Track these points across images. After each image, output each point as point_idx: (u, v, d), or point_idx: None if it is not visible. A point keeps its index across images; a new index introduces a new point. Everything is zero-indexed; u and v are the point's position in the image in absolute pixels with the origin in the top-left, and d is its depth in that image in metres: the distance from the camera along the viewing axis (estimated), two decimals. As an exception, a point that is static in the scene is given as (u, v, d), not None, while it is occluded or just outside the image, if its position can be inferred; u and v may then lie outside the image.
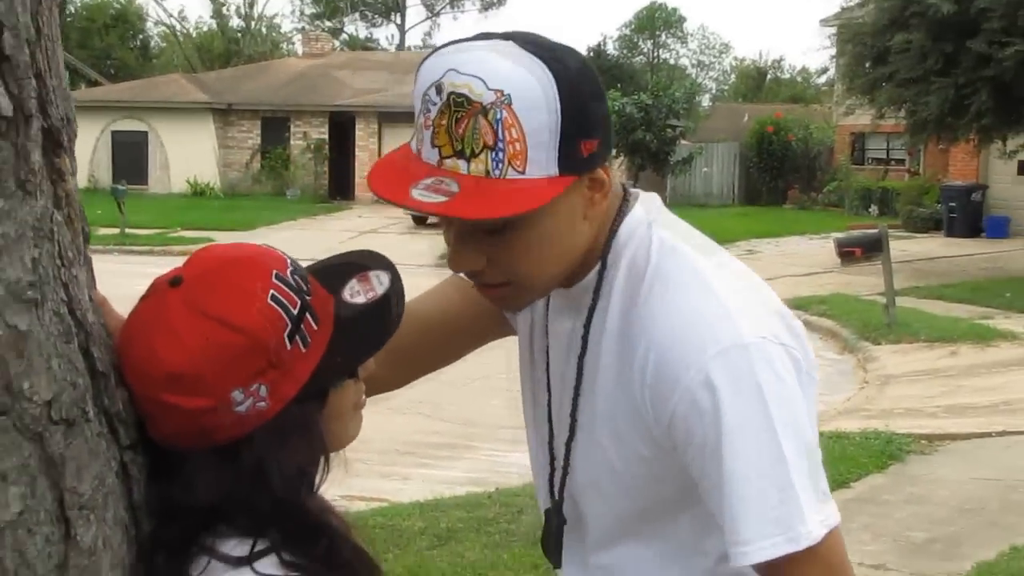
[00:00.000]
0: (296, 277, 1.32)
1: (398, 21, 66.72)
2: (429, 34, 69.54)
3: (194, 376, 1.24)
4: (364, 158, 37.34)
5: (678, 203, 29.32)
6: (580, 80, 1.39)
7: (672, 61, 72.42)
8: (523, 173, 1.36)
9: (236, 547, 1.25)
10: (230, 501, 1.26)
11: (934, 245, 23.99)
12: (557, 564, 1.70)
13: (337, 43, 57.33)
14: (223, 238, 23.41)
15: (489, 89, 1.34)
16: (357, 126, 37.55)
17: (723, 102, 63.08)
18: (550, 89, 1.35)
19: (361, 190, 37.33)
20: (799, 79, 72.37)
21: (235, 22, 62.65)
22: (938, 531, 6.22)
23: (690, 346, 1.42)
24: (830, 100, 36.61)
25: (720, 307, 1.45)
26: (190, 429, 1.26)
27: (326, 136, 37.86)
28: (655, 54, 71.21)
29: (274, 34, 65.42)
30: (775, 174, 34.65)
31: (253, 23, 62.15)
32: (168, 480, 1.29)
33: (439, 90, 1.37)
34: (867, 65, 20.64)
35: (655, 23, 69.18)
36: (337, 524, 1.33)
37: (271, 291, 1.28)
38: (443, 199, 1.36)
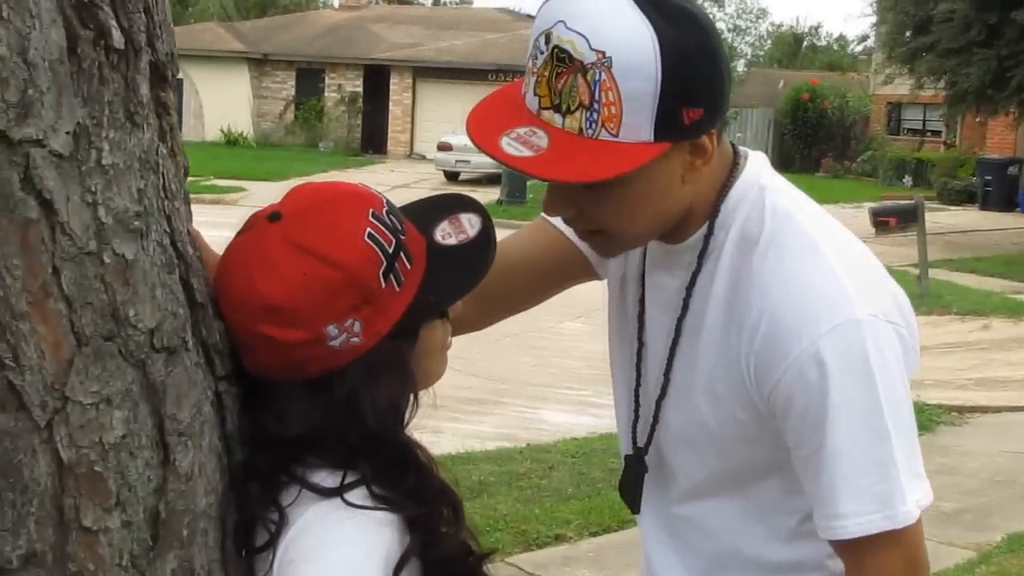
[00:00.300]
0: (391, 217, 1.34)
1: (435, -25, 66.43)
2: (466, -11, 69.11)
3: (291, 309, 1.26)
4: (398, 112, 37.33)
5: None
6: (691, 47, 1.36)
7: (708, 25, 71.65)
8: (616, 136, 1.35)
9: (327, 478, 1.27)
10: (321, 433, 1.29)
11: (968, 218, 23.83)
12: (636, 509, 1.72)
13: (373, -4, 57.11)
14: (255, 187, 23.52)
15: (592, 49, 1.33)
16: (392, 80, 37.48)
17: (758, 68, 62.56)
18: (654, 56, 1.33)
19: (393, 144, 37.34)
20: (836, 46, 71.66)
21: (272, -29, 62.51)
22: (968, 502, 6.23)
23: (804, 318, 1.42)
24: (867, 68, 36.32)
25: (835, 281, 1.44)
26: (284, 361, 1.29)
27: (360, 89, 37.83)
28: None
29: (311, -16, 65.24)
30: (809, 142, 34.46)
31: (290, -27, 61.99)
32: (261, 411, 1.31)
33: (548, 39, 1.37)
34: (908, 34, 20.50)
35: (693, -14, 68.49)
36: (425, 460, 1.35)
37: (367, 229, 1.30)
38: (530, 154, 1.36)
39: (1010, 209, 24.97)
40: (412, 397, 1.36)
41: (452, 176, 29.64)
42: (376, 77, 37.54)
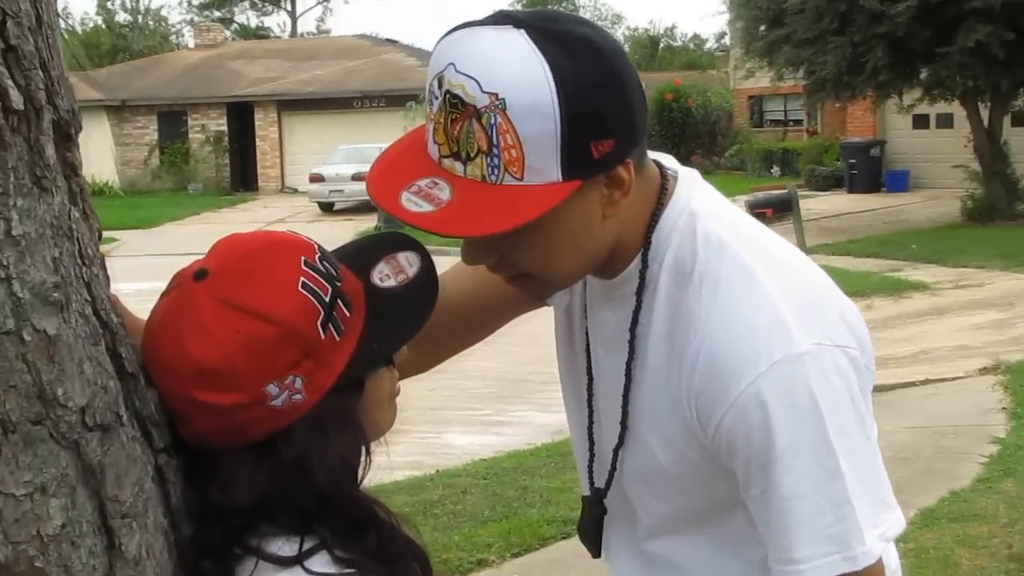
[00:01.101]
0: (325, 263, 1.27)
1: (289, 7, 65.87)
2: (322, 19, 68.89)
3: (227, 371, 1.19)
4: (265, 147, 36.93)
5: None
6: (592, 78, 1.29)
7: (565, 34, 72.36)
8: (521, 180, 1.28)
9: (283, 546, 1.20)
10: (271, 499, 1.21)
11: (838, 202, 24.40)
12: (596, 553, 1.65)
13: (229, 33, 56.47)
14: (128, 237, 23.04)
15: (484, 92, 1.25)
16: (256, 115, 37.08)
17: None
18: (550, 93, 1.25)
19: (264, 180, 36.91)
20: (692, 46, 72.85)
21: (121, 16, 61.36)
22: (876, 481, 6.30)
23: (742, 358, 1.34)
24: (726, 65, 36.99)
25: (773, 312, 1.36)
26: (224, 427, 1.21)
27: (225, 128, 37.35)
28: (548, 28, 71.18)
29: (162, 27, 64.15)
30: (677, 141, 34.83)
31: (140, 17, 60.89)
32: (204, 482, 1.23)
33: (440, 83, 1.29)
34: (763, 28, 20.92)
35: (546, -2, 69.33)
36: (384, 516, 1.28)
37: (301, 278, 1.23)
38: (431, 208, 1.28)
39: (876, 190, 25.63)
40: (364, 451, 1.29)
41: (327, 207, 29.40)
42: (240, 114, 37.09)
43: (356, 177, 29.12)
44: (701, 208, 1.46)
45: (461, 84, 1.27)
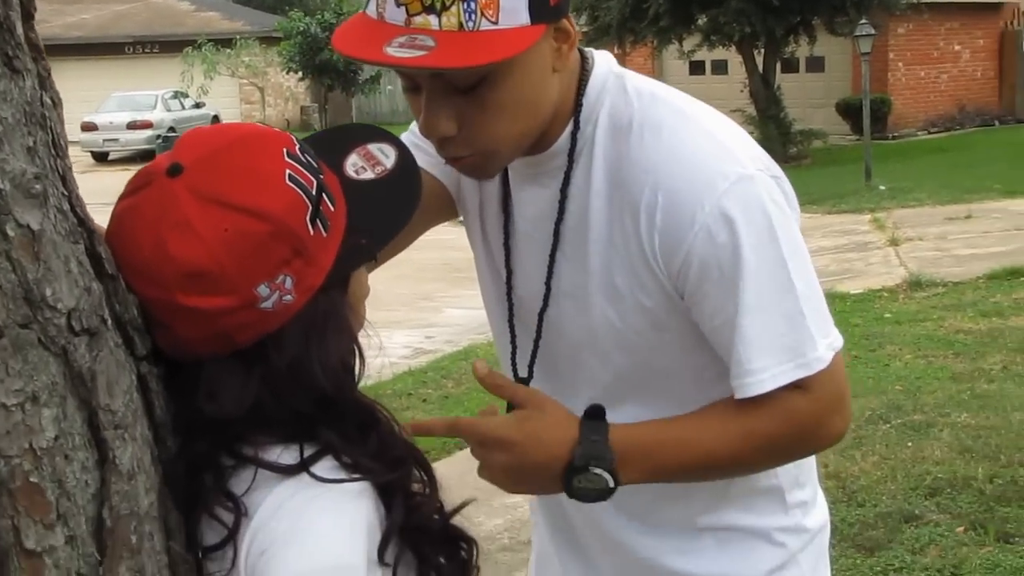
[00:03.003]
0: (305, 154, 1.19)
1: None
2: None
3: (215, 272, 1.09)
4: None
5: (366, 122, 29.03)
6: None
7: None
8: (496, 23, 1.32)
9: (283, 454, 1.12)
10: (265, 406, 1.13)
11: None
12: None
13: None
14: None
15: None
16: None
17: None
18: None
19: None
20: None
21: None
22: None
23: (700, 182, 1.40)
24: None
25: (717, 142, 1.44)
26: (209, 333, 1.12)
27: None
28: (323, -26, 70.12)
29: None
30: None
31: None
32: (186, 393, 1.14)
33: None
34: (547, -26, 21.03)
35: (321, -58, 68.00)
36: (385, 417, 1.22)
37: (286, 171, 1.14)
38: (422, 53, 1.30)
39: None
40: (357, 350, 1.22)
41: (101, 157, 28.26)
42: (1, 60, 35.16)
43: (132, 125, 28.10)
44: (624, 72, 1.54)
45: None
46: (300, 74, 29.33)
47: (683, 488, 1.56)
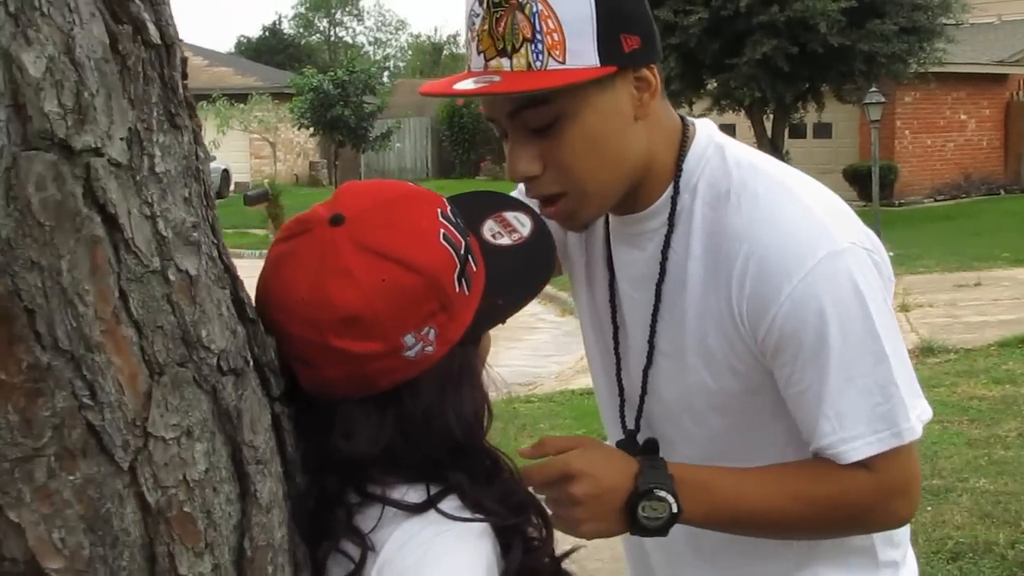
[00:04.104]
0: (456, 217, 1.27)
1: None
2: None
3: (369, 319, 1.17)
4: None
5: (374, 177, 29.25)
6: None
7: (349, 39, 72.22)
8: (564, 63, 1.39)
9: (408, 493, 1.19)
10: (396, 449, 1.20)
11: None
12: None
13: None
14: None
15: None
16: None
17: (402, 78, 63.35)
18: None
19: None
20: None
21: None
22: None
23: (790, 255, 1.44)
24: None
25: (811, 216, 1.48)
26: (354, 375, 1.19)
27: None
28: (331, 32, 70.84)
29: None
30: (467, 147, 35.16)
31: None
32: (319, 432, 1.21)
33: (480, 1, 1.42)
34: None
35: (330, 1, 68.74)
36: (507, 467, 1.28)
37: (441, 230, 1.23)
38: (484, 85, 1.40)
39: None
40: (486, 405, 1.29)
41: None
42: None
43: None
44: (726, 141, 1.59)
45: None
46: (312, 130, 29.55)
47: (772, 545, 1.60)
